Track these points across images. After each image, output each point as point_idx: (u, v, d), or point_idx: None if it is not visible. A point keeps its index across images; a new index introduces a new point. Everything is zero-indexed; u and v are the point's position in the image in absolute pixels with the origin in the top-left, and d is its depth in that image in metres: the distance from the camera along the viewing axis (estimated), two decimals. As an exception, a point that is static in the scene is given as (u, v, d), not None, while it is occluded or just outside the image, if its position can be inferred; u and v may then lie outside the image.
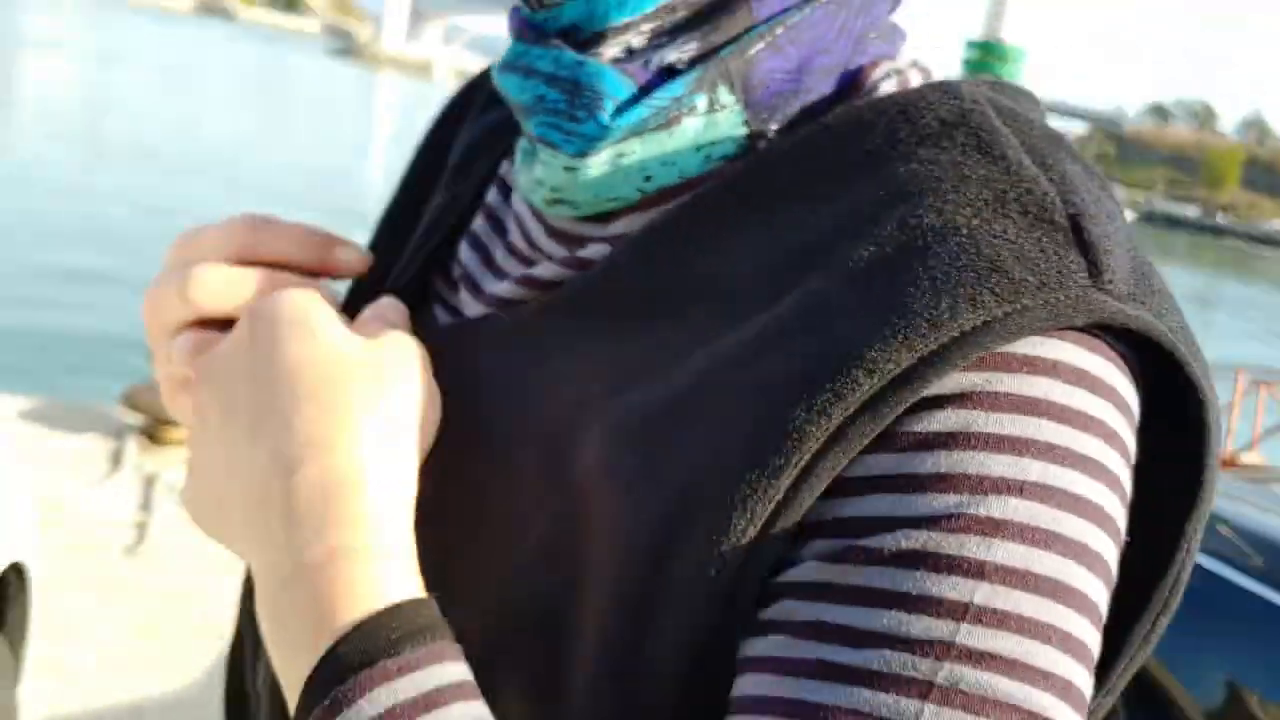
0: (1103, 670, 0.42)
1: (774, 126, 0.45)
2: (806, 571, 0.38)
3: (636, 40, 0.44)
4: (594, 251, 0.46)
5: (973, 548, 0.36)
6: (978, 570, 0.36)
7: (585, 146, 0.44)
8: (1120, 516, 0.40)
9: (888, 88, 0.46)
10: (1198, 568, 1.81)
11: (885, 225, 0.40)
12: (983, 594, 0.36)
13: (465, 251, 0.53)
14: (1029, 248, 0.38)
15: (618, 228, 0.47)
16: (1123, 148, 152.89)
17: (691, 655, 0.39)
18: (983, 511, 0.37)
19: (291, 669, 0.40)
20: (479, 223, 0.54)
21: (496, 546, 0.44)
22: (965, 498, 0.37)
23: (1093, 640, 0.38)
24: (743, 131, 0.45)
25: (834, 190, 0.42)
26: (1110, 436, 0.39)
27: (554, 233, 0.49)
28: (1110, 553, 0.39)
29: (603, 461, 0.41)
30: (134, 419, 4.34)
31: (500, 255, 0.52)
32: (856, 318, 0.38)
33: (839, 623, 0.37)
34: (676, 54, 0.44)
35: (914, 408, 0.37)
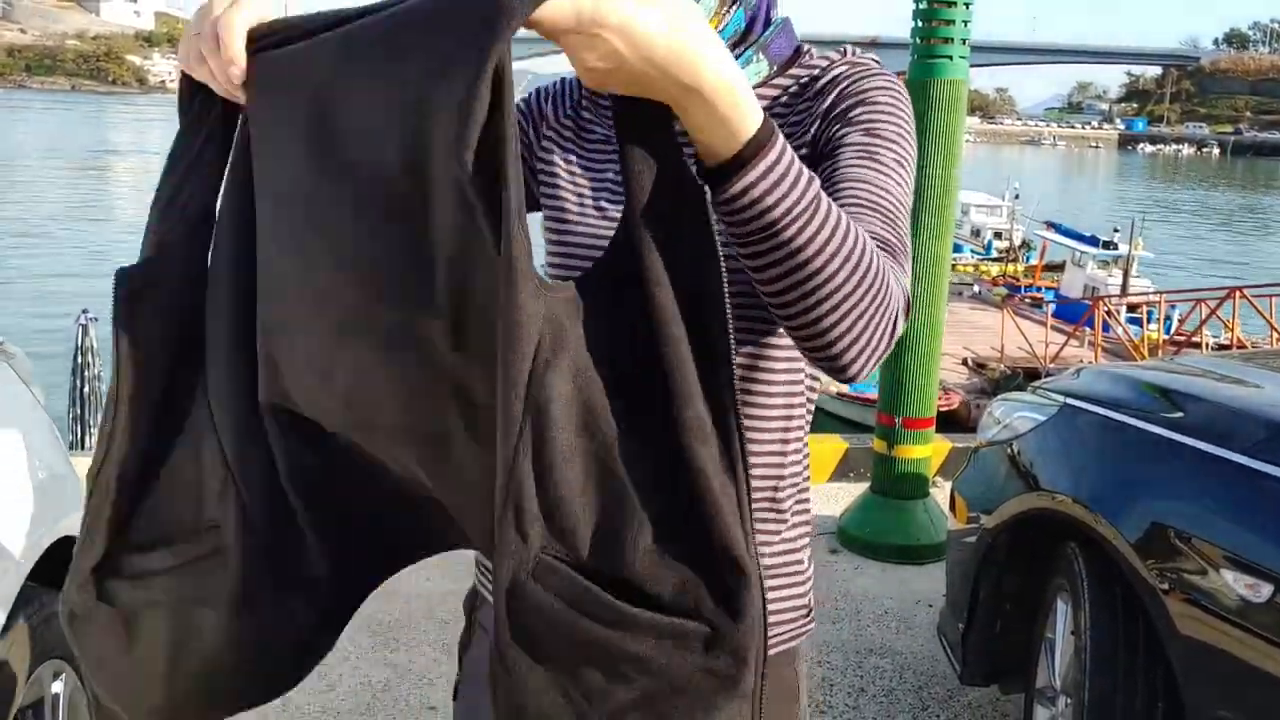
0: None
1: (775, 69, 1.10)
2: None
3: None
4: None
5: None
6: None
7: None
8: None
9: (815, 54, 1.12)
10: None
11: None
12: None
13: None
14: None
15: None
16: (1202, 83, 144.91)
17: None
18: None
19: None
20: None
21: None
22: None
23: None
24: (766, 70, 1.10)
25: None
26: None
27: None
28: None
29: None
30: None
31: None
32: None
33: None
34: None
35: None
